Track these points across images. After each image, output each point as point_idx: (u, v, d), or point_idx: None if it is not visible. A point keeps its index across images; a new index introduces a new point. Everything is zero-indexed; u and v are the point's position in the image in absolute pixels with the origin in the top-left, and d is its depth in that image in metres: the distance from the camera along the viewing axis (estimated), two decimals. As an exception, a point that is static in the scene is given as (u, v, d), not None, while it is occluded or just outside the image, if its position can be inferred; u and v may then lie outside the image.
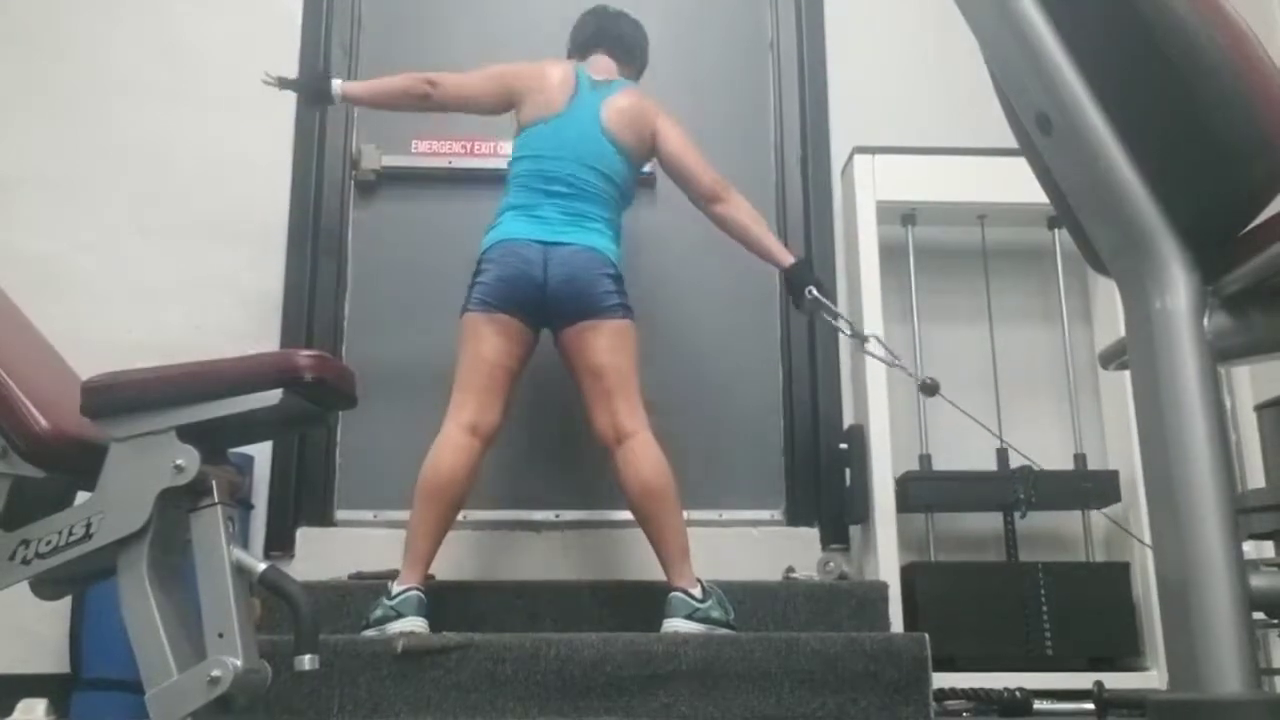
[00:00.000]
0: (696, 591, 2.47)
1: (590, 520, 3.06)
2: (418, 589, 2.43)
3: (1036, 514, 2.96)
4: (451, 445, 2.53)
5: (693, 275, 3.24)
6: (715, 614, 2.46)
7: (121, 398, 1.62)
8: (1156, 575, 0.99)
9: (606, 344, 2.61)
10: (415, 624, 2.38)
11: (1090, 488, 2.96)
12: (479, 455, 2.56)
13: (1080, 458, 3.08)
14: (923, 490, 2.96)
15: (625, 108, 2.79)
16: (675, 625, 2.42)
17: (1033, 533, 3.07)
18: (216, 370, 1.63)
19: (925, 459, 3.06)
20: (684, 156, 2.78)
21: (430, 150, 3.30)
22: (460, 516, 3.05)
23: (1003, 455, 3.01)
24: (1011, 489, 2.90)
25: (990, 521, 3.07)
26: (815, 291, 2.67)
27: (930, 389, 2.63)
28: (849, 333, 2.74)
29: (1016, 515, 2.95)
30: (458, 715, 2.20)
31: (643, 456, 2.54)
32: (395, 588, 2.44)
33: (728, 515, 3.11)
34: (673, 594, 2.47)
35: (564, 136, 2.73)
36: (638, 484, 2.53)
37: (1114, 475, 2.98)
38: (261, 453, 2.97)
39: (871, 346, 2.73)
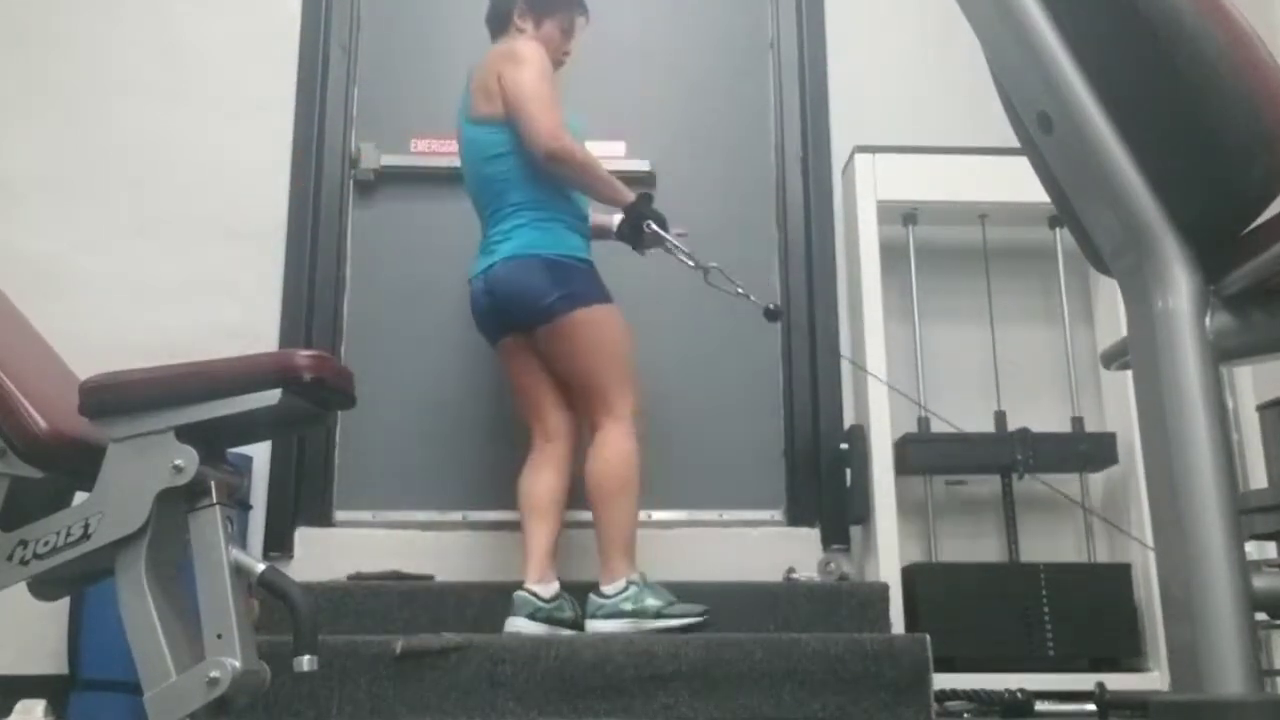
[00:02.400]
0: (609, 589, 2.48)
1: (590, 520, 3.05)
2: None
3: (1035, 495, 2.97)
4: (531, 465, 2.66)
5: (692, 274, 3.24)
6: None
7: (120, 398, 1.61)
8: (1158, 576, 0.98)
9: (561, 349, 2.59)
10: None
11: (1087, 449, 2.97)
12: (562, 459, 2.64)
13: (1078, 421, 3.08)
14: (922, 452, 2.96)
15: (477, 77, 2.70)
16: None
17: (1030, 497, 3.08)
18: (215, 370, 1.63)
19: (924, 422, 3.05)
20: (516, 108, 2.57)
21: (429, 149, 3.30)
22: (460, 516, 3.07)
23: (1000, 419, 3.01)
24: (1010, 450, 2.90)
25: (989, 497, 3.07)
26: (653, 225, 2.64)
27: (774, 315, 2.65)
28: (691, 264, 2.68)
29: (1015, 477, 2.96)
30: (457, 716, 2.20)
31: (597, 449, 2.56)
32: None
33: (728, 515, 3.11)
34: (591, 592, 2.51)
35: (461, 150, 2.76)
36: (587, 476, 2.57)
37: (1111, 438, 2.98)
38: (260, 453, 2.96)
39: (714, 278, 2.68)
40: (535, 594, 2.48)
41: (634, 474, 2.53)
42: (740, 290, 2.63)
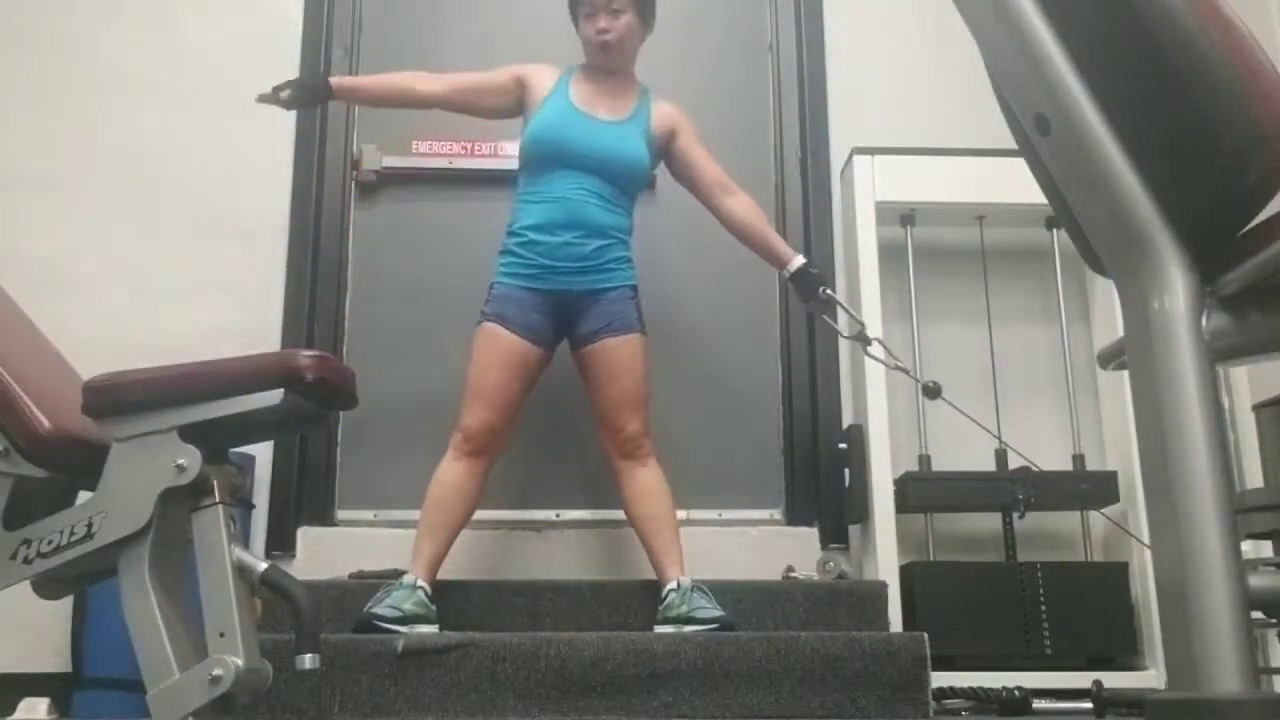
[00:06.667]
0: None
1: (590, 520, 3.06)
2: None
3: (1035, 515, 2.97)
4: None
5: (691, 275, 3.25)
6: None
7: (123, 397, 1.62)
8: (1155, 575, 0.99)
9: None
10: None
11: (1089, 489, 2.96)
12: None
13: (1079, 458, 3.08)
14: (922, 491, 2.96)
15: None
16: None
17: (1031, 533, 3.07)
18: (218, 370, 1.63)
19: (924, 459, 3.06)
20: None
21: (431, 150, 3.30)
22: (460, 517, 3.06)
23: (1001, 456, 3.01)
24: (1010, 490, 2.90)
25: (989, 522, 3.07)
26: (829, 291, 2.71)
27: (932, 392, 2.61)
28: (857, 335, 2.72)
29: (1015, 516, 2.96)
30: (458, 715, 2.20)
31: None
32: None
33: (727, 515, 3.12)
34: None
35: None
36: None
37: (1112, 476, 2.98)
38: (263, 452, 2.97)
39: (874, 349, 2.71)
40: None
41: (433, 493, 2.58)
42: (899, 365, 2.68)
